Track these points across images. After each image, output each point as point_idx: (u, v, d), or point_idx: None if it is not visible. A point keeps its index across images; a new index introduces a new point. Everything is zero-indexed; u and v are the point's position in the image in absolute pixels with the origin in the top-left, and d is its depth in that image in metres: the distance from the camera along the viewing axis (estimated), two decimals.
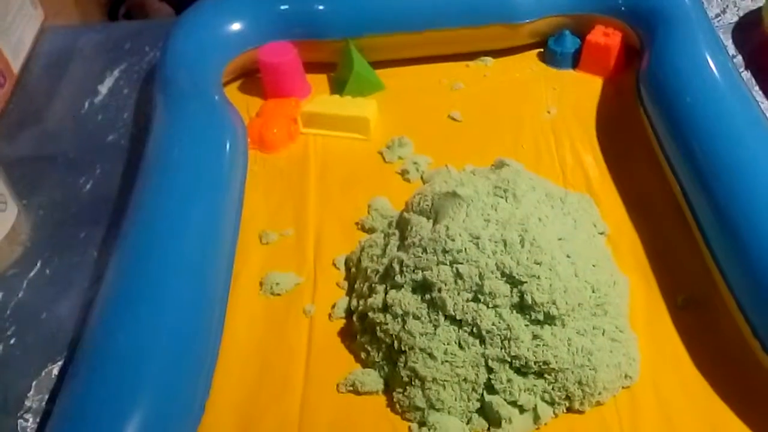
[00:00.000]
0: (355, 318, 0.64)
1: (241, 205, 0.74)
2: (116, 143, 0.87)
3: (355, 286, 0.67)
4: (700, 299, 0.66)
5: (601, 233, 0.71)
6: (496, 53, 0.96)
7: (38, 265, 0.73)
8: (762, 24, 0.93)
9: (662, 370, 0.61)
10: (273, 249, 0.73)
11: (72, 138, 0.89)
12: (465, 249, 0.59)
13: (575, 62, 0.94)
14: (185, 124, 0.75)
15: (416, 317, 0.59)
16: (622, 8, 0.90)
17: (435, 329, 0.59)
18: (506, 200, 0.63)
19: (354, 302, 0.66)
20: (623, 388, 0.60)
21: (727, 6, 1.02)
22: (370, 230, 0.74)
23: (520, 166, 0.73)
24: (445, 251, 0.60)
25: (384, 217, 0.74)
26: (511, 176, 0.66)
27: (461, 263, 0.59)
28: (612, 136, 0.84)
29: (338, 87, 0.91)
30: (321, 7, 0.88)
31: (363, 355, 0.62)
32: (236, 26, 0.88)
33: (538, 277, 0.57)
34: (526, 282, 0.57)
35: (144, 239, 0.65)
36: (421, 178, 0.80)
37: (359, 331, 0.63)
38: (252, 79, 0.93)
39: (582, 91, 0.91)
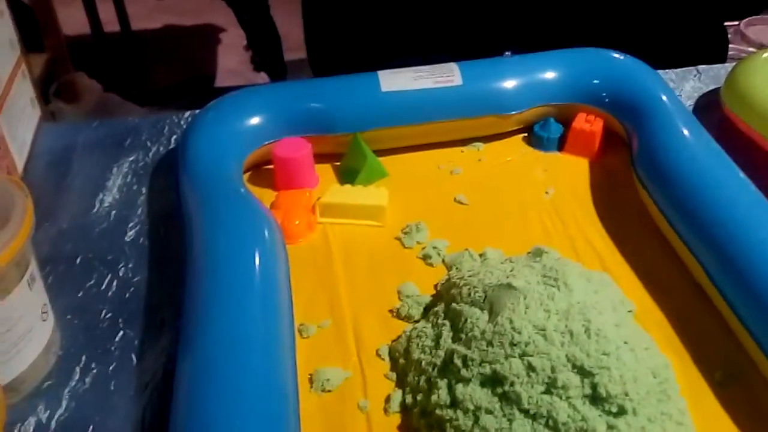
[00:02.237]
0: (416, 413, 0.58)
1: (291, 297, 0.67)
2: (135, 241, 0.79)
3: (408, 379, 0.61)
4: (737, 373, 0.62)
5: (630, 311, 0.67)
6: (486, 138, 0.93)
7: (77, 374, 0.64)
8: (723, 106, 0.94)
9: None
10: (314, 342, 0.66)
11: (88, 237, 0.80)
12: (533, 341, 0.54)
13: (560, 145, 0.92)
14: (225, 218, 0.68)
15: (489, 412, 0.54)
16: (606, 99, 0.89)
17: (510, 424, 0.53)
18: (559, 289, 0.59)
19: (410, 396, 0.59)
20: None
21: (681, 90, 1.03)
22: (407, 318, 0.68)
23: (557, 254, 0.69)
24: (512, 344, 0.55)
25: (418, 303, 0.68)
26: (557, 265, 0.62)
27: (531, 356, 0.54)
28: (611, 214, 0.82)
29: (348, 177, 0.86)
30: (333, 105, 0.84)
31: None
32: (255, 121, 0.82)
33: (609, 368, 0.53)
34: (597, 374, 0.53)
35: (210, 344, 0.57)
36: (443, 261, 0.75)
37: (423, 428, 0.57)
38: (259, 171, 0.87)
39: (572, 172, 0.89)
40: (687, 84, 1.04)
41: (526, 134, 0.95)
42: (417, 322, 0.67)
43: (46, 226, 0.81)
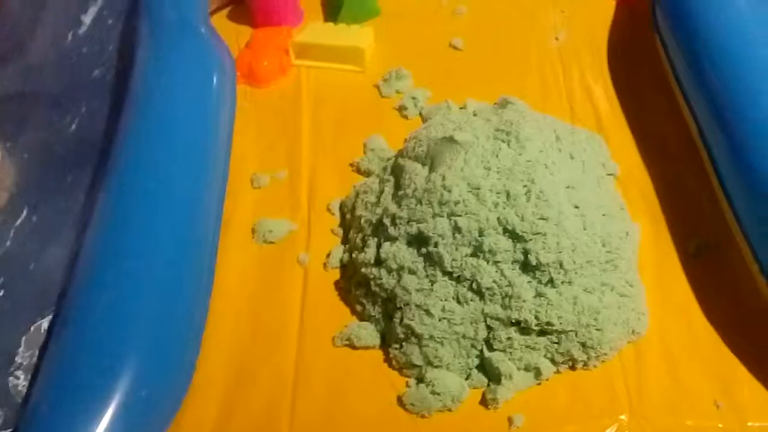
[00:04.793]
0: (348, 270, 0.61)
1: (230, 145, 0.70)
2: (101, 79, 0.82)
3: (350, 235, 0.64)
4: (714, 245, 0.62)
5: (611, 174, 0.67)
6: None
7: (25, 212, 0.70)
8: None
9: (671, 322, 0.58)
10: (265, 193, 0.70)
11: (56, 73, 0.83)
12: (463, 200, 0.55)
13: None
14: (169, 59, 0.70)
15: (412, 272, 0.56)
16: None
17: (432, 285, 0.56)
18: (509, 145, 0.59)
19: (347, 254, 0.63)
20: (630, 342, 0.57)
21: None
22: (366, 173, 0.70)
23: (525, 106, 0.68)
24: (441, 203, 0.56)
25: (381, 158, 0.70)
26: (515, 117, 0.61)
27: (459, 216, 0.55)
28: (625, 66, 0.78)
29: (332, 13, 0.85)
30: None
31: (359, 308, 0.60)
32: None
33: (545, 235, 0.54)
34: (531, 240, 0.54)
35: (129, 187, 0.61)
36: (420, 114, 0.75)
37: (354, 284, 0.61)
38: (242, 6, 0.87)
39: (593, 14, 0.84)
40: None
41: None
42: None
43: (15, 62, 0.85)
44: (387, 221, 0.58)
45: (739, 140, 0.60)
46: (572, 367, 0.56)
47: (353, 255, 0.61)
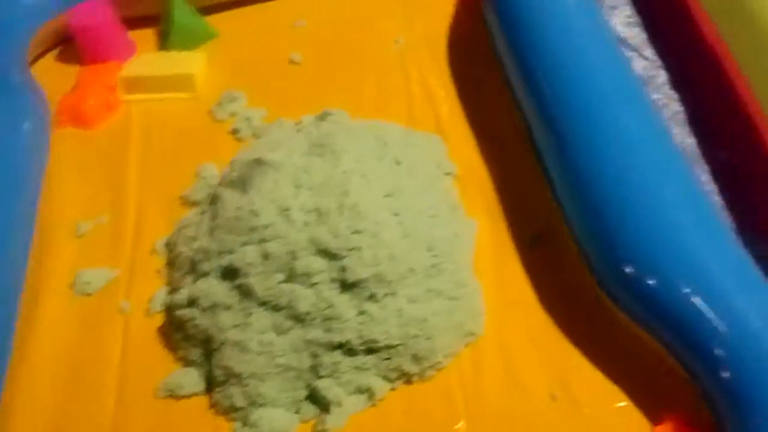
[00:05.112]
0: (167, 314, 0.57)
1: (37, 195, 0.66)
2: None
3: (172, 275, 0.59)
4: (548, 237, 0.61)
5: (448, 174, 0.64)
6: None
7: None
8: None
9: (508, 318, 0.57)
10: (87, 241, 0.65)
11: None
12: (273, 225, 0.52)
13: None
14: None
15: (226, 308, 0.53)
16: None
17: (247, 318, 0.52)
18: (324, 159, 0.55)
19: (170, 295, 0.58)
20: (466, 345, 0.54)
21: None
22: (194, 204, 0.66)
23: (345, 116, 0.65)
24: (250, 229, 0.52)
25: (210, 187, 0.66)
26: (331, 129, 0.58)
27: (269, 241, 0.52)
28: (464, 63, 0.77)
29: (163, 41, 0.82)
30: None
31: (180, 353, 0.55)
32: None
33: (360, 249, 0.51)
34: (346, 256, 0.51)
35: None
36: (254, 135, 0.72)
37: (174, 328, 0.56)
38: (73, 45, 0.82)
39: (434, 12, 0.82)
40: None
41: None
42: None
43: None
44: (200, 256, 0.55)
45: (556, 137, 0.59)
46: (408, 382, 0.53)
47: (172, 297, 0.57)
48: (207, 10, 0.83)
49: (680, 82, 0.73)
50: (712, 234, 0.52)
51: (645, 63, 0.74)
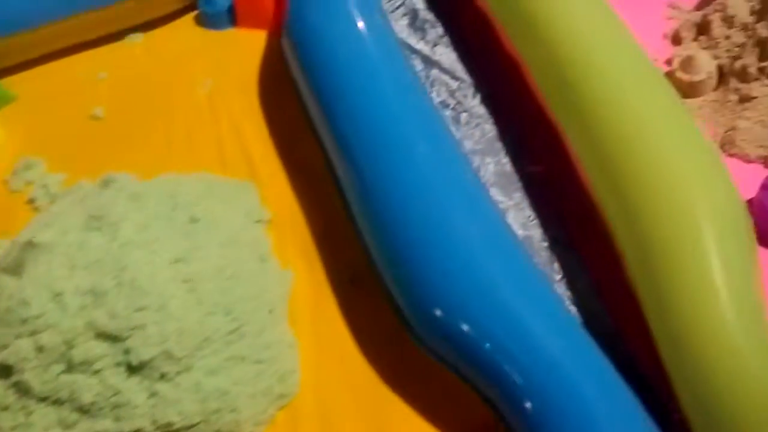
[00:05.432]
0: None
1: None
2: None
3: None
4: (364, 279, 0.59)
5: (259, 221, 0.62)
6: (146, 26, 0.83)
7: None
8: None
9: (326, 371, 0.55)
10: None
11: None
12: (45, 313, 0.48)
13: (234, 19, 0.83)
14: None
15: (4, 408, 0.48)
16: None
17: (28, 417, 0.48)
18: (101, 233, 0.52)
19: None
20: (280, 409, 0.52)
21: None
22: None
23: (129, 179, 0.61)
24: (22, 321, 0.48)
25: None
26: (110, 198, 0.54)
27: (42, 332, 0.48)
28: (275, 102, 0.75)
29: None
30: None
31: None
32: None
33: (144, 327, 0.48)
34: (128, 337, 0.48)
35: None
36: (53, 203, 0.67)
37: None
38: None
39: (244, 52, 0.80)
40: None
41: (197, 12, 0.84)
42: None
43: None
44: None
45: (352, 180, 0.59)
46: None
47: None
48: (3, 73, 0.78)
49: (492, 101, 0.73)
50: (516, 271, 0.52)
51: (457, 83, 0.74)
